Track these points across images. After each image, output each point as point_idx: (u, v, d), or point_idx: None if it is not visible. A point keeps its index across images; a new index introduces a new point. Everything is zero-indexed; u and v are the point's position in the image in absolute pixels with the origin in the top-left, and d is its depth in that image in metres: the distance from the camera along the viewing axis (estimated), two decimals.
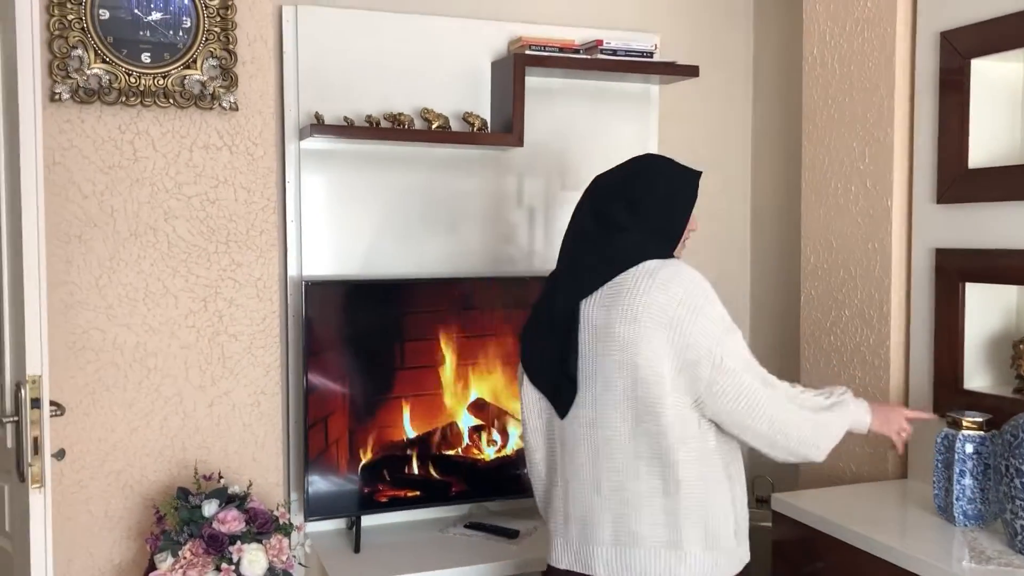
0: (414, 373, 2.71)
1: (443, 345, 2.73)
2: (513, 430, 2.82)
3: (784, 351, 3.25)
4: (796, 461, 1.86)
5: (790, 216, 3.17)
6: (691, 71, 2.92)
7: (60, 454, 2.16)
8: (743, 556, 1.86)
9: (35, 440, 1.87)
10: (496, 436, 2.85)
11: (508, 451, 2.84)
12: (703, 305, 1.74)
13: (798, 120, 2.94)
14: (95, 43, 2.33)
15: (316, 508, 2.60)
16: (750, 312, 3.42)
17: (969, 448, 2.09)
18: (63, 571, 2.39)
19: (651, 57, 2.87)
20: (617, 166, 1.94)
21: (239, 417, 2.56)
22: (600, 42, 2.80)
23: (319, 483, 2.61)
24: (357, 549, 2.59)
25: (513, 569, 2.51)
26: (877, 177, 2.60)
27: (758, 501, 3.14)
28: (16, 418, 1.88)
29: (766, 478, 3.15)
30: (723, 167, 3.34)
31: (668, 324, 1.71)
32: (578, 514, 1.82)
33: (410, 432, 2.73)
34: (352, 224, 2.78)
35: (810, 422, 1.83)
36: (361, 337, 2.66)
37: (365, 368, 2.66)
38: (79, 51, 2.32)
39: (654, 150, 3.13)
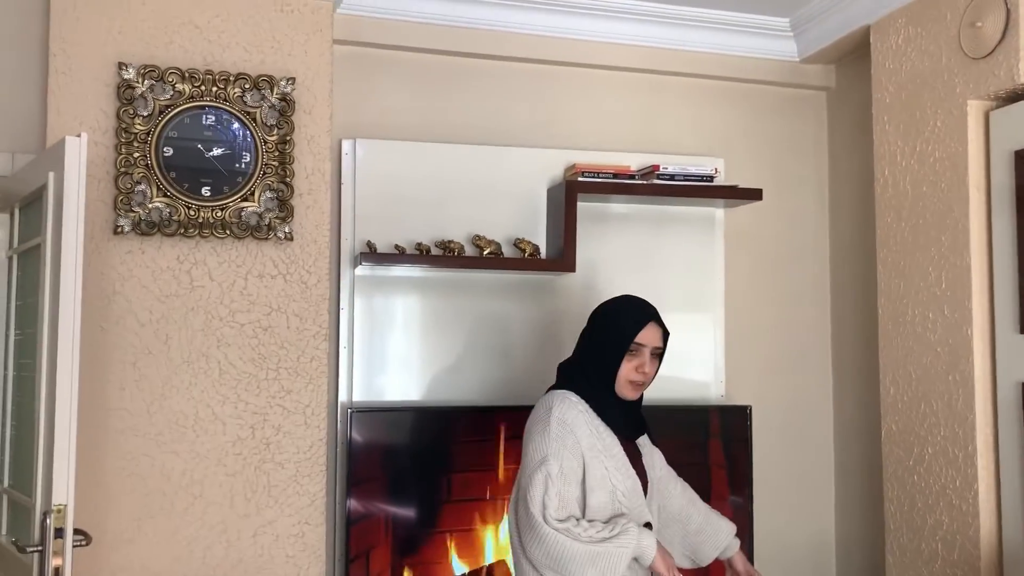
0: (461, 506, 2.62)
1: (487, 477, 2.64)
2: None
3: (870, 490, 2.99)
4: None
5: (871, 346, 2.97)
6: (754, 194, 2.83)
7: None
8: None
9: (56, 570, 1.86)
10: None
11: None
12: (532, 434, 2.05)
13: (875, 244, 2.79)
14: (157, 178, 2.44)
15: None
16: (834, 447, 3.19)
17: None
18: None
19: (711, 181, 2.81)
20: None
21: (282, 548, 2.51)
22: (656, 167, 2.77)
23: None
24: None
25: None
26: (955, 304, 2.42)
27: None
28: (40, 547, 1.89)
29: None
30: (798, 293, 3.19)
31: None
32: None
33: (457, 568, 2.62)
34: (402, 350, 2.77)
35: (585, 552, 1.93)
36: (406, 467, 2.60)
37: (410, 500, 2.59)
38: (143, 186, 2.43)
39: (720, 274, 3.03)
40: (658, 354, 2.13)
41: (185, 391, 2.47)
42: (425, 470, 2.61)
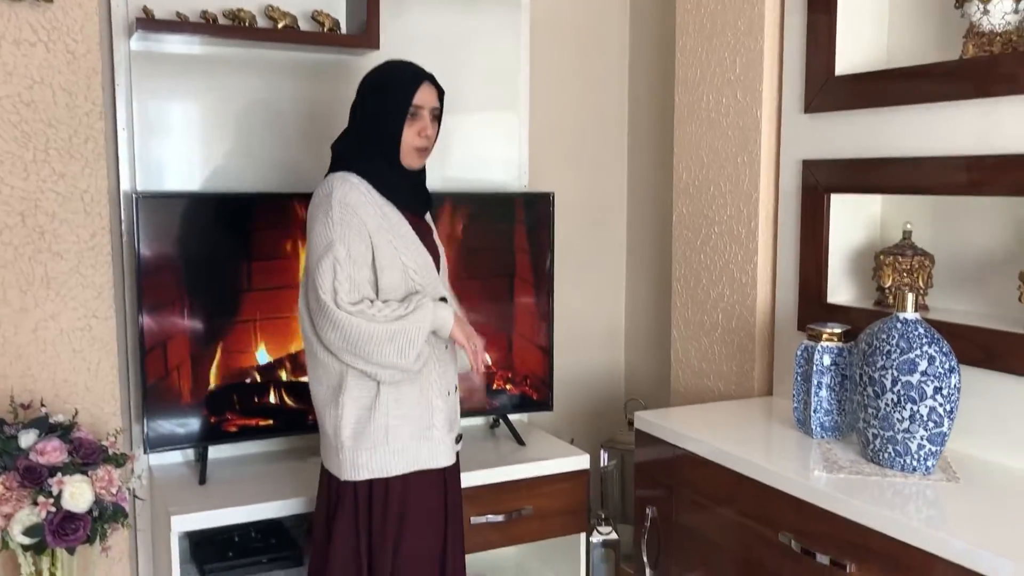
0: (265, 295, 2.53)
1: (293, 266, 2.56)
2: None
3: (660, 272, 3.19)
4: (384, 370, 1.97)
5: (665, 135, 3.08)
6: None
7: None
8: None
9: None
10: None
11: None
12: (315, 221, 1.96)
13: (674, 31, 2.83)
14: None
15: (157, 439, 2.43)
16: (627, 234, 3.35)
17: (827, 360, 2.05)
18: None
19: None
20: None
21: (68, 343, 2.34)
22: None
23: (160, 412, 2.42)
24: (203, 480, 2.43)
25: None
26: (748, 87, 2.52)
27: (630, 425, 3.09)
28: None
29: (639, 401, 3.11)
30: (599, 84, 3.22)
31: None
32: None
33: (263, 357, 2.56)
34: (191, 135, 2.56)
35: (382, 331, 1.92)
36: (203, 256, 2.46)
37: (209, 290, 2.47)
38: None
39: (525, 63, 2.99)
40: (437, 115, 2.06)
41: None
42: (221, 259, 2.48)
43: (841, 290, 2.35)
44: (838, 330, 2.07)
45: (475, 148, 2.94)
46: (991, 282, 2.05)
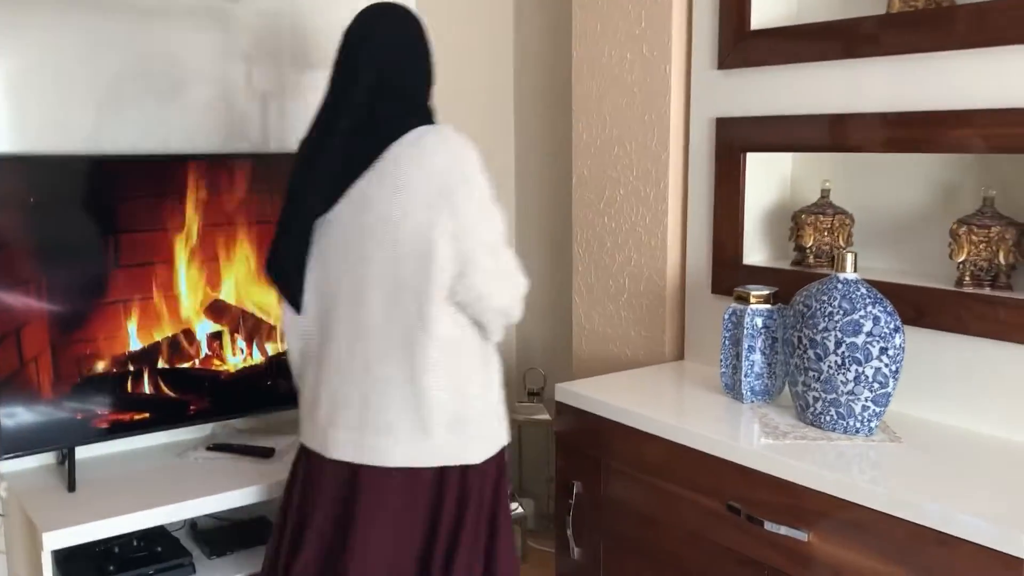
0: (134, 272, 2.23)
1: (171, 238, 2.27)
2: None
3: (556, 236, 3.08)
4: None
5: (561, 89, 2.96)
6: None
7: None
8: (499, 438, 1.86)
9: None
10: (242, 343, 2.45)
11: (257, 360, 2.45)
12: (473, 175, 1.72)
13: None
14: None
15: (13, 443, 2.10)
16: (515, 196, 3.21)
17: (758, 322, 2.00)
18: None
19: None
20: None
21: None
22: None
23: (15, 411, 2.09)
24: (72, 487, 2.13)
25: (271, 492, 2.18)
26: (654, 42, 2.42)
27: (530, 394, 2.99)
28: None
29: (538, 370, 3.01)
30: (481, 43, 3.06)
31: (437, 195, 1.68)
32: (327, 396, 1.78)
33: (134, 343, 2.26)
34: (58, 88, 2.20)
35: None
36: (58, 230, 2.12)
37: (67, 268, 2.14)
38: None
39: None
40: None
41: None
42: (86, 231, 2.15)
43: (755, 251, 2.32)
44: (767, 292, 2.03)
45: None
46: (909, 240, 2.06)
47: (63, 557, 2.13)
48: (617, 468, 2.06)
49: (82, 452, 2.24)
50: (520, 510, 2.76)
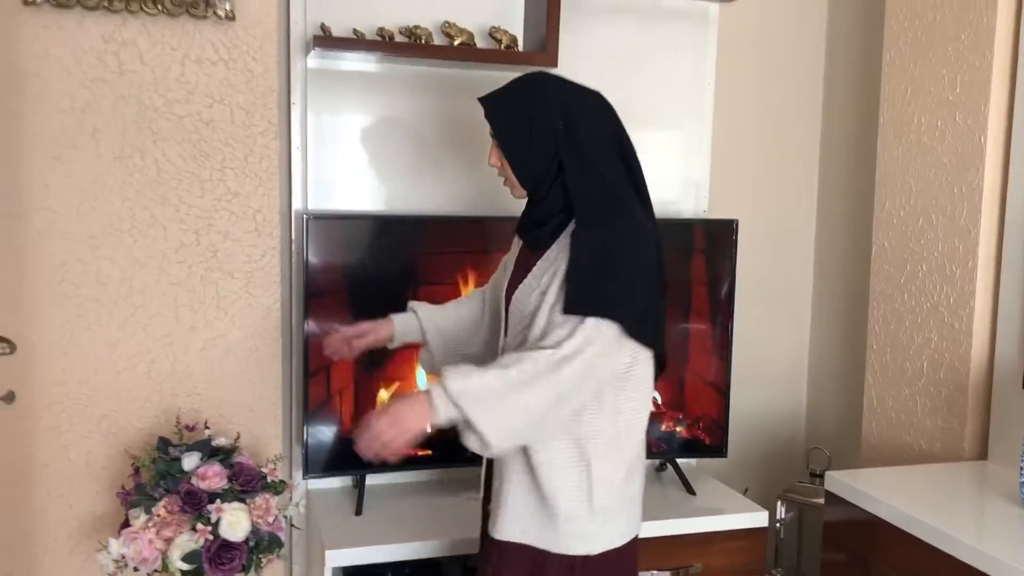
0: None
1: (463, 291, 2.46)
2: None
3: (851, 311, 2.90)
4: None
5: (864, 158, 2.80)
6: None
7: (9, 396, 1.95)
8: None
9: None
10: None
11: None
12: None
13: (880, 45, 2.55)
14: None
15: (316, 464, 2.38)
16: (813, 266, 3.07)
17: None
18: (39, 520, 2.21)
19: None
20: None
21: (234, 363, 2.33)
22: None
23: (320, 437, 2.37)
24: (359, 511, 2.36)
25: None
26: (969, 109, 2.22)
27: (812, 476, 2.82)
28: None
29: (823, 451, 2.83)
30: (789, 100, 2.97)
31: None
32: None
33: (423, 385, 2.47)
34: (364, 154, 2.51)
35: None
36: (370, 280, 2.39)
37: (374, 314, 2.39)
38: None
39: (710, 80, 2.78)
40: (493, 136, 1.82)
41: (118, 191, 2.20)
42: (389, 282, 2.41)
43: None
44: None
45: (649, 170, 2.75)
46: None
47: (343, 574, 2.36)
48: (880, 569, 1.88)
49: (374, 479, 2.48)
50: None
